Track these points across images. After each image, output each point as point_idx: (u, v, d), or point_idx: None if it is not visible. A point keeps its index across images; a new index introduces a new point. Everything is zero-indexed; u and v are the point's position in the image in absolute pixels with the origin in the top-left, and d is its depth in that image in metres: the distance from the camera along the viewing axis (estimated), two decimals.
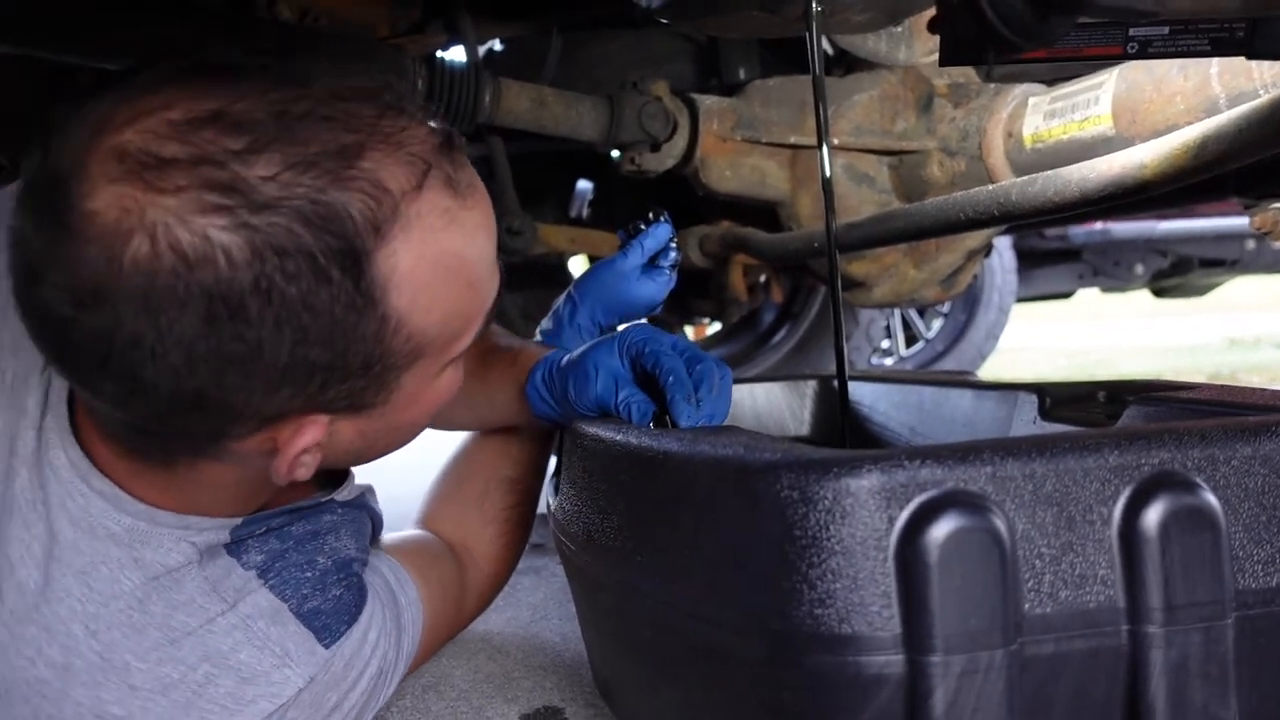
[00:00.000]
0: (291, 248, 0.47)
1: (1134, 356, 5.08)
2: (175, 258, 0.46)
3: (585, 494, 0.65)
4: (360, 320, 0.50)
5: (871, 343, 2.43)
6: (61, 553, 0.57)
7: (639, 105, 1.31)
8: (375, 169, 0.49)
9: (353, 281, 0.49)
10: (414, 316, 0.53)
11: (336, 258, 0.48)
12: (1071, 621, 0.45)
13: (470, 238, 0.55)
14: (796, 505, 0.44)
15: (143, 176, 0.46)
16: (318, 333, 0.49)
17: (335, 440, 0.57)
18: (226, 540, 0.62)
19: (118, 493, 0.58)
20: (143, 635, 0.57)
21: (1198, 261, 3.70)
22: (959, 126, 1.24)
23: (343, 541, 0.68)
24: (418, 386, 0.57)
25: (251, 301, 0.47)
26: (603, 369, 0.69)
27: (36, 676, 0.56)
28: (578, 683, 0.84)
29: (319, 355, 0.50)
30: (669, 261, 0.95)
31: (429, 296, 0.53)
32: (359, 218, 0.48)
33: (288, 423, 0.53)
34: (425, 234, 0.51)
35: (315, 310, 0.48)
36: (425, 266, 0.52)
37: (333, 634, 0.63)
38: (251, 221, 0.46)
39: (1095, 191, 0.75)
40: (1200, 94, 0.89)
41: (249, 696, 0.59)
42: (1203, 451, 0.47)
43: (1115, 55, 0.63)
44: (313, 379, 0.51)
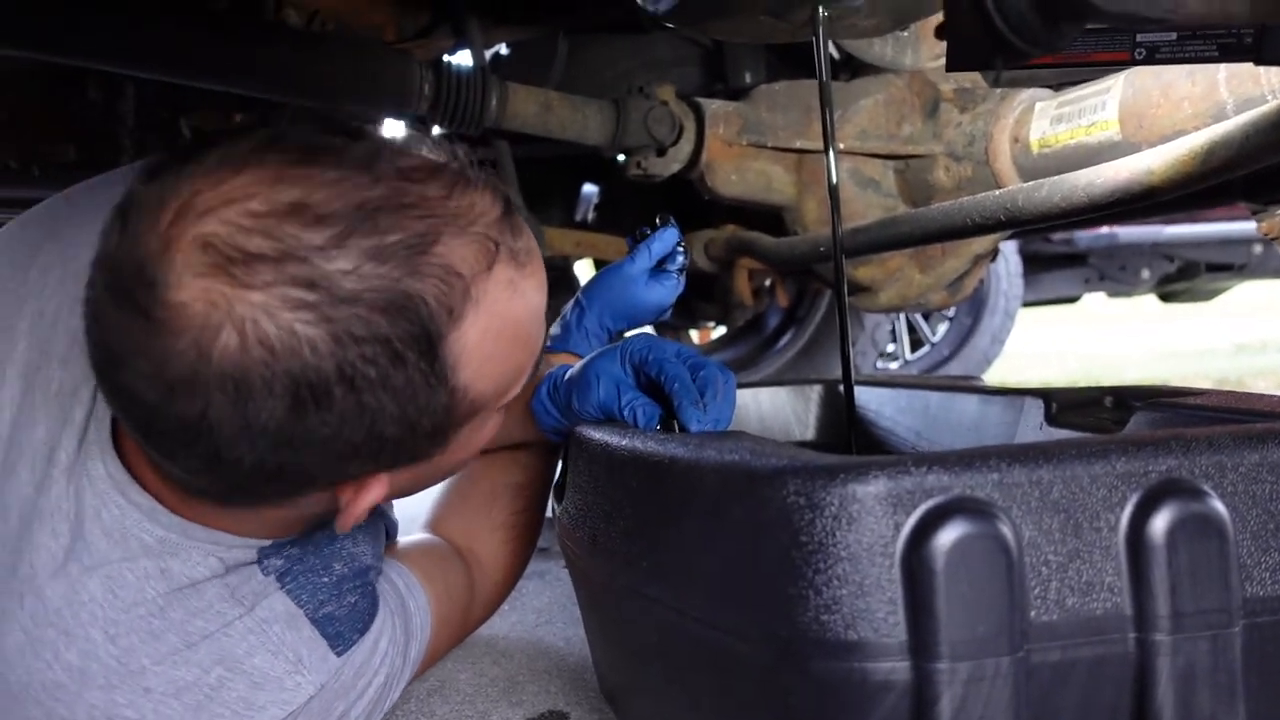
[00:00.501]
0: (371, 336, 0.49)
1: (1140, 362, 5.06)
2: (263, 350, 0.47)
3: (591, 499, 0.65)
4: (432, 396, 0.52)
5: (877, 347, 2.43)
6: (91, 560, 0.58)
7: (645, 109, 1.31)
8: (447, 254, 0.51)
9: (428, 363, 0.51)
10: (477, 384, 0.55)
11: (413, 343, 0.50)
12: (1078, 629, 0.45)
13: (528, 303, 0.57)
14: (803, 511, 0.44)
15: (229, 271, 0.47)
16: (393, 411, 0.51)
17: (391, 485, 0.59)
18: (254, 559, 0.63)
19: (154, 506, 0.59)
20: (160, 641, 0.57)
21: (1204, 266, 3.69)
22: (965, 131, 1.24)
23: (360, 548, 0.68)
24: (471, 435, 0.60)
25: (335, 388, 0.49)
26: (605, 376, 0.70)
27: (53, 679, 0.56)
28: (582, 687, 0.84)
29: (393, 430, 0.52)
30: (677, 265, 0.96)
31: (492, 364, 0.55)
32: (434, 304, 0.51)
33: (349, 483, 0.56)
34: (491, 308, 0.54)
35: (392, 391, 0.51)
36: (490, 338, 0.54)
37: (345, 642, 0.63)
38: (334, 315, 0.48)
39: (1103, 197, 0.75)
40: (1208, 99, 0.89)
41: (260, 702, 0.59)
42: (1210, 458, 0.47)
43: (1123, 61, 0.63)
44: (384, 449, 0.53)
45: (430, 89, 1.26)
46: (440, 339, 0.51)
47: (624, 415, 0.68)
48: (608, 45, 1.60)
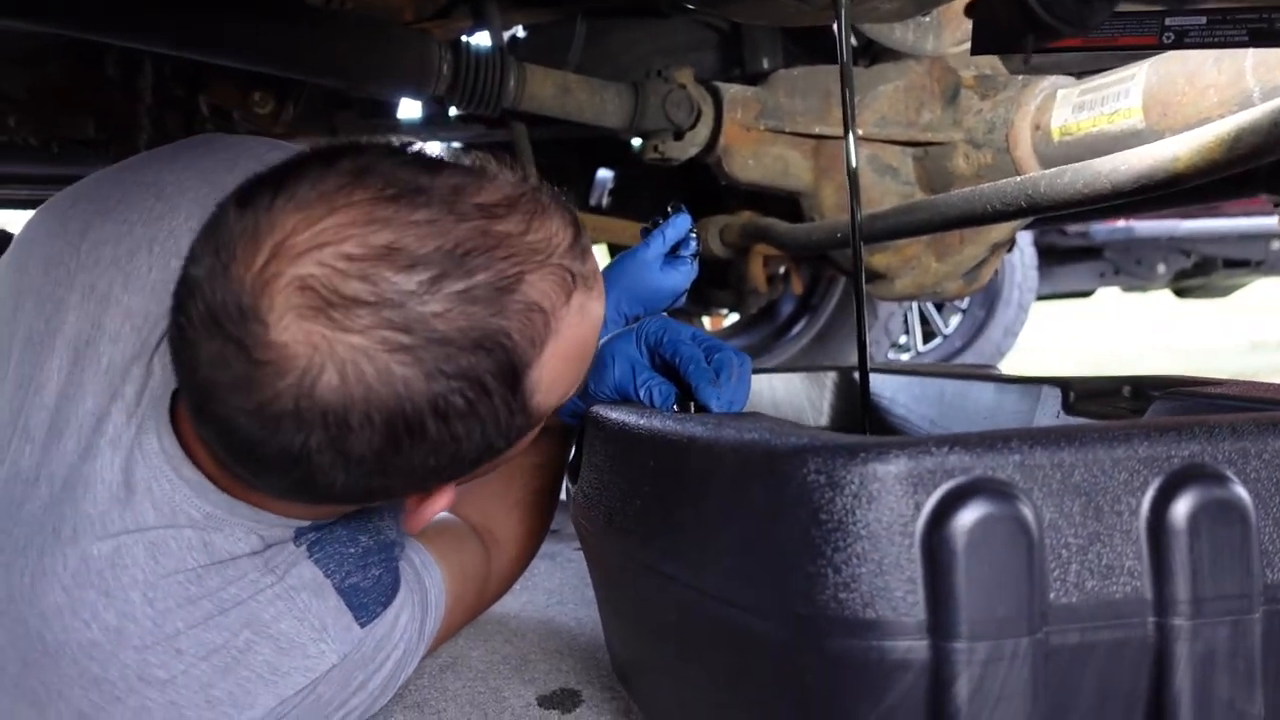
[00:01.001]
0: (461, 373, 0.51)
1: (1154, 358, 5.03)
2: (363, 388, 0.50)
3: (608, 478, 0.65)
4: (512, 421, 0.55)
5: (889, 337, 2.42)
6: (138, 529, 0.59)
7: (663, 93, 1.31)
8: (530, 291, 0.53)
9: (512, 393, 0.54)
10: (548, 401, 0.58)
11: (500, 376, 0.53)
12: (1097, 612, 0.45)
13: (594, 322, 0.59)
14: (823, 490, 0.44)
15: (329, 314, 0.49)
16: (478, 439, 0.54)
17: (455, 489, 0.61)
18: (292, 537, 0.64)
19: (204, 483, 0.60)
20: (195, 606, 0.59)
21: (1221, 262, 3.66)
22: (985, 118, 1.23)
23: (386, 521, 0.69)
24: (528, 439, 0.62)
25: (428, 421, 0.51)
26: (620, 357, 0.70)
27: (90, 638, 0.57)
28: (594, 666, 0.84)
29: (474, 453, 0.55)
30: (690, 250, 0.97)
31: (561, 383, 0.58)
32: (519, 339, 0.53)
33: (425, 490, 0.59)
34: (566, 334, 0.56)
35: (479, 420, 0.53)
36: (562, 361, 0.57)
37: (369, 614, 0.64)
38: (427, 355, 0.50)
39: (1127, 184, 0.74)
40: (1234, 87, 0.88)
41: (285, 668, 0.60)
42: (1234, 444, 0.47)
43: (1150, 45, 0.63)
44: (463, 470, 0.57)
45: (449, 69, 1.26)
46: (525, 371, 0.54)
47: (639, 395, 0.68)
48: (626, 29, 1.59)
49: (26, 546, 0.58)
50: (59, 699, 0.56)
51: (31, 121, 1.56)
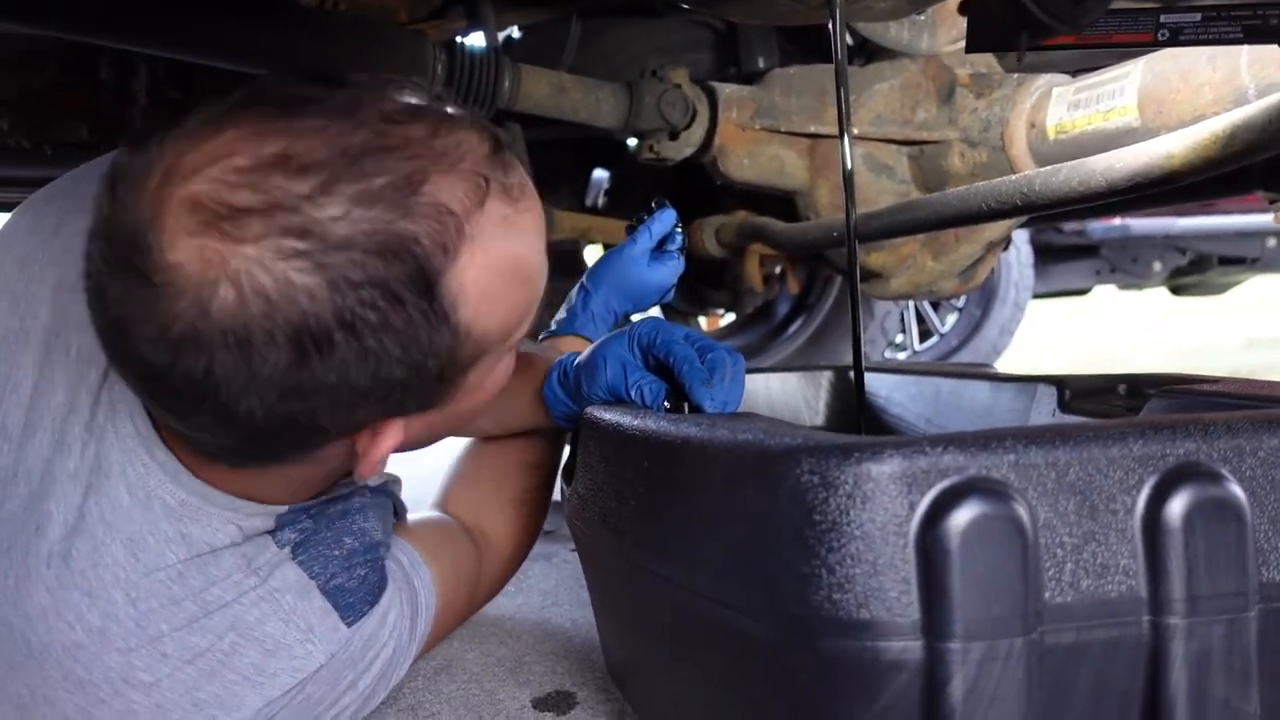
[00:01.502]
0: (367, 280, 0.49)
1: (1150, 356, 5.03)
2: (261, 301, 0.48)
3: (601, 479, 0.65)
4: (435, 335, 0.52)
5: (886, 336, 2.42)
6: (114, 519, 0.58)
7: (658, 92, 1.30)
8: (437, 193, 0.51)
9: (427, 303, 0.51)
10: (479, 322, 0.55)
11: (410, 283, 0.50)
12: (1092, 611, 0.44)
13: (526, 238, 0.57)
14: (817, 490, 0.44)
15: (220, 227, 0.47)
16: (397, 354, 0.51)
17: (406, 433, 0.59)
18: (271, 527, 0.64)
19: (178, 467, 0.60)
20: (179, 607, 0.58)
21: (1217, 259, 3.66)
22: (981, 117, 1.23)
23: (370, 524, 0.68)
24: (479, 378, 0.60)
25: (335, 334, 0.49)
26: (611, 358, 0.70)
27: (74, 640, 0.56)
28: (589, 668, 0.84)
29: (399, 373, 0.52)
30: (676, 245, 0.99)
31: (493, 302, 0.55)
32: (428, 243, 0.50)
33: (368, 429, 0.56)
34: (488, 245, 0.53)
35: (394, 333, 0.51)
36: (487, 275, 0.54)
37: (355, 613, 0.64)
38: (328, 261, 0.48)
39: (1122, 181, 0.74)
40: (1229, 85, 0.88)
41: (271, 669, 0.59)
42: (1229, 443, 0.47)
43: (1145, 42, 0.62)
44: (392, 393, 0.53)
45: (443, 70, 1.25)
46: (438, 277, 0.51)
47: (631, 395, 0.68)
48: (621, 28, 1.59)
49: (10, 547, 0.58)
50: (44, 703, 0.56)
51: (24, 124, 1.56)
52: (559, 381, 0.78)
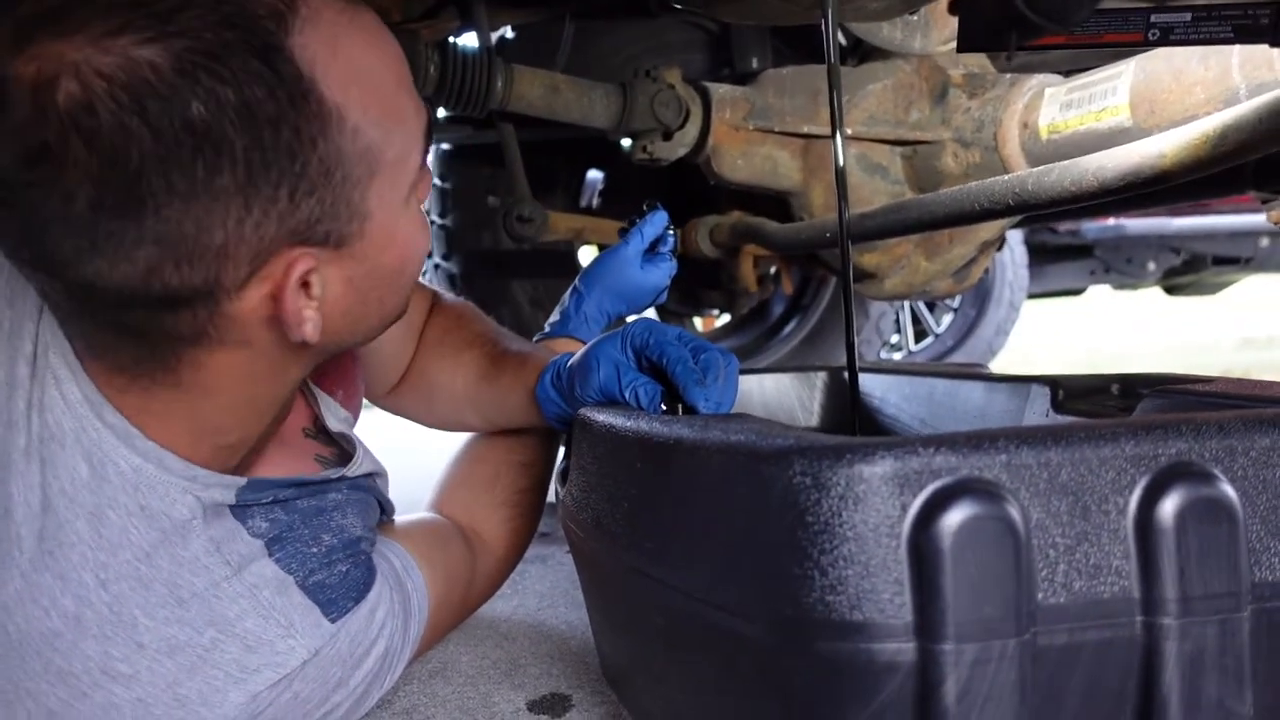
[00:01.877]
0: (211, 48, 0.48)
1: (1145, 355, 5.05)
2: (106, 84, 0.46)
3: (595, 481, 0.65)
4: (300, 114, 0.51)
5: (881, 337, 2.42)
6: (76, 492, 0.57)
7: (651, 93, 1.30)
8: None
9: (278, 72, 0.50)
10: (352, 111, 0.53)
11: (256, 51, 0.49)
12: (1085, 612, 0.44)
13: (377, 40, 0.56)
14: (809, 491, 0.44)
15: (47, 28, 0.46)
16: (265, 131, 0.49)
17: (328, 293, 0.57)
18: (232, 501, 0.62)
19: (129, 428, 0.58)
20: (149, 590, 0.57)
21: (1211, 259, 3.67)
22: (974, 117, 1.23)
23: (349, 519, 0.68)
24: (387, 214, 0.57)
25: (194, 109, 0.47)
26: (605, 360, 0.70)
27: (50, 628, 0.56)
28: (585, 670, 0.84)
29: (275, 157, 0.50)
30: (668, 247, 1.00)
31: (360, 92, 0.54)
32: (260, 10, 0.50)
33: (275, 262, 0.53)
34: (332, 28, 0.53)
35: (254, 107, 0.49)
36: (344, 59, 0.53)
37: (339, 609, 0.63)
38: (165, 30, 0.47)
39: (1114, 181, 0.74)
40: (1220, 84, 0.88)
41: (253, 665, 0.59)
42: (1221, 442, 0.47)
43: (1136, 42, 0.62)
44: (280, 189, 0.51)
45: (436, 70, 1.25)
46: (280, 46, 0.50)
47: (625, 396, 0.67)
48: (615, 29, 1.59)
49: None
50: (28, 697, 0.55)
51: None
52: (552, 383, 0.77)
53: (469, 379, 0.84)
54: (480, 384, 0.83)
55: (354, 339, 0.64)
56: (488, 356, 0.84)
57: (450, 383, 0.85)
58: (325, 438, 0.76)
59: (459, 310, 0.90)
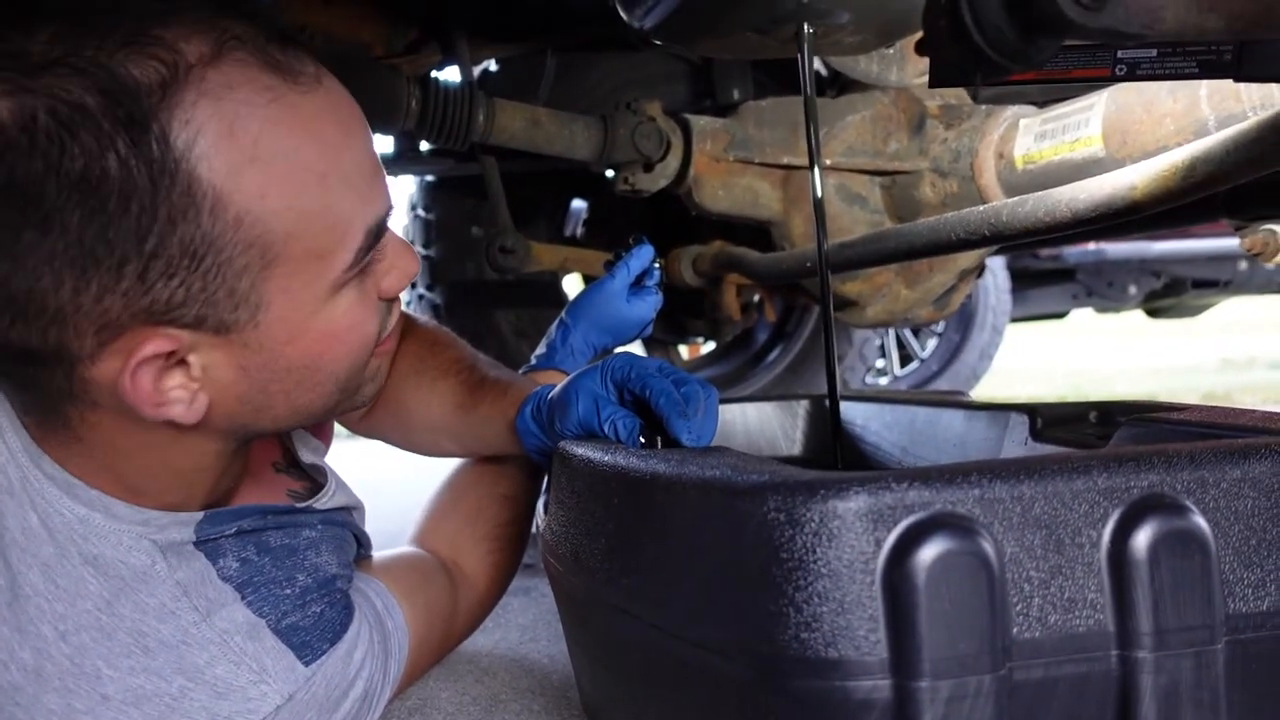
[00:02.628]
0: (67, 111, 0.45)
1: (1129, 377, 5.08)
2: None
3: (573, 515, 0.64)
4: (160, 194, 0.48)
5: (865, 362, 2.43)
6: (28, 543, 0.56)
7: (632, 125, 1.31)
8: (165, 35, 0.48)
9: (138, 147, 0.47)
10: (238, 198, 0.50)
11: (119, 122, 0.46)
12: (1061, 646, 0.44)
13: (310, 125, 0.52)
14: (783, 527, 0.44)
15: None
16: (108, 205, 0.47)
17: (214, 376, 0.54)
18: (192, 539, 0.61)
19: (69, 478, 0.57)
20: (112, 640, 0.56)
21: (1191, 282, 3.71)
22: (951, 147, 1.24)
23: (324, 558, 0.67)
24: (292, 308, 0.54)
25: (25, 169, 0.45)
26: (584, 393, 0.69)
27: (10, 681, 0.55)
28: (566, 705, 0.83)
29: (118, 234, 0.48)
30: (654, 280, 1.00)
31: (258, 179, 0.50)
32: (143, 80, 0.47)
33: (128, 337, 0.51)
34: (239, 107, 0.49)
35: (100, 180, 0.46)
36: (244, 142, 0.49)
37: (314, 651, 0.62)
38: (26, 85, 0.45)
39: (1086, 212, 0.75)
40: (1190, 116, 0.89)
41: (224, 712, 0.58)
42: (1192, 474, 0.47)
43: (1104, 77, 0.63)
44: (125, 267, 0.48)
45: (417, 104, 1.26)
46: (151, 118, 0.47)
47: (604, 430, 0.67)
48: (597, 62, 1.60)
49: None
50: None
51: None
52: (532, 415, 0.77)
53: (445, 408, 0.83)
54: (458, 414, 0.82)
55: (261, 425, 0.61)
56: (464, 385, 0.82)
57: (426, 411, 0.84)
58: (297, 471, 0.75)
59: (434, 336, 0.88)
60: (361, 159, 0.56)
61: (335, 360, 0.59)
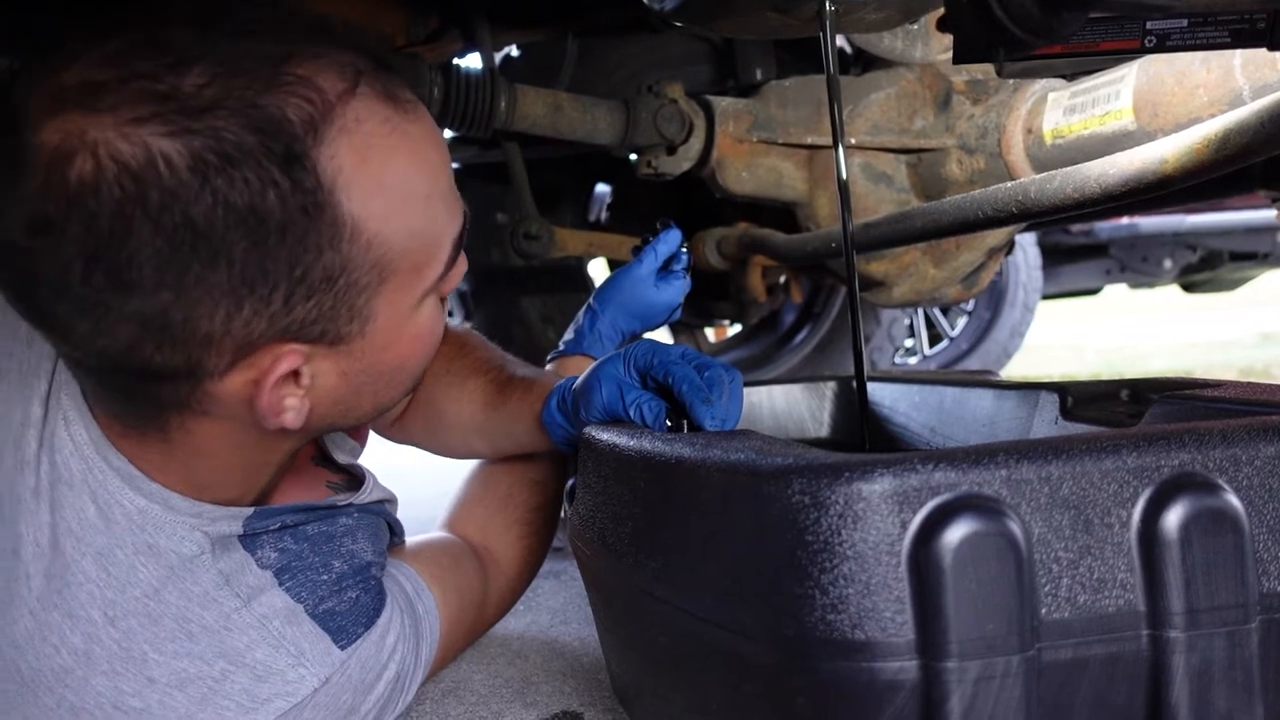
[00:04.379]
0: (231, 150, 0.48)
1: (1165, 353, 5.00)
2: (118, 169, 0.47)
3: (600, 500, 0.65)
4: (311, 224, 0.50)
5: (894, 342, 2.41)
6: (84, 532, 0.58)
7: (654, 108, 1.31)
8: (305, 73, 0.50)
9: (295, 182, 0.49)
10: (371, 223, 0.53)
11: (276, 159, 0.49)
12: (1090, 626, 0.44)
13: (418, 150, 0.55)
14: (808, 510, 0.44)
15: (81, 103, 0.47)
16: (269, 238, 0.49)
17: (319, 383, 0.57)
18: (240, 531, 0.63)
19: (132, 471, 0.59)
20: (158, 625, 0.58)
21: (1228, 255, 3.64)
22: (978, 124, 1.23)
23: (359, 545, 0.68)
24: (393, 317, 0.57)
25: (197, 208, 0.47)
26: (606, 380, 0.69)
27: (61, 665, 0.57)
28: (597, 688, 0.84)
29: (274, 263, 0.50)
30: (682, 265, 1.00)
31: (384, 204, 0.53)
32: (294, 118, 0.49)
33: (262, 354, 0.53)
34: (368, 139, 0.52)
35: (263, 214, 0.49)
36: (374, 171, 0.52)
37: (349, 636, 0.63)
38: (190, 126, 0.47)
39: (1116, 187, 0.74)
40: (1224, 86, 0.87)
41: (264, 695, 0.59)
42: (1224, 452, 0.46)
43: (1133, 49, 0.62)
44: (275, 293, 0.51)
45: (439, 92, 1.26)
46: (305, 155, 0.50)
47: (629, 414, 0.67)
48: (618, 45, 1.60)
49: None
50: None
51: None
52: (558, 407, 0.77)
53: (475, 407, 0.84)
54: (487, 411, 0.83)
55: (344, 423, 0.65)
56: (494, 384, 0.84)
57: (456, 411, 0.85)
58: (333, 464, 0.77)
59: (463, 338, 0.90)
60: (449, 177, 0.59)
61: (417, 360, 0.63)
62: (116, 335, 0.50)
